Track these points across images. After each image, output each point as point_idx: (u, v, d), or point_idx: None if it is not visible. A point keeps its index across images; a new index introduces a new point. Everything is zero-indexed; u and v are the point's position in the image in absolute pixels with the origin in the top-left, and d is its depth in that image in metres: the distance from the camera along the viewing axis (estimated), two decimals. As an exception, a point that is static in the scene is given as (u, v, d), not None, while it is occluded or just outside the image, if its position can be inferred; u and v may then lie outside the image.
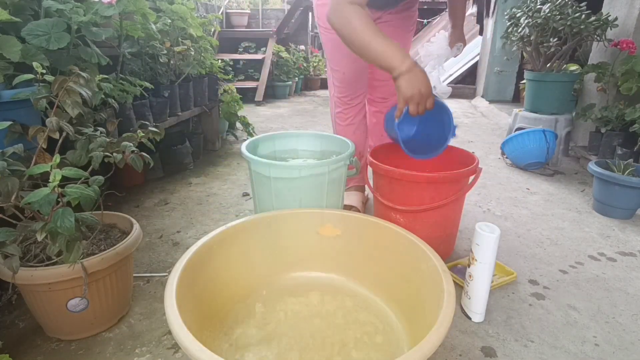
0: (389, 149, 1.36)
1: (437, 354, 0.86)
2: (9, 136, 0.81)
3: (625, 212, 1.52)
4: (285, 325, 0.87)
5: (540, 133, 1.97)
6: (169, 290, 0.68)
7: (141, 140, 0.96)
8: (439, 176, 1.08)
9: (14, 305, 0.98)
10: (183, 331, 0.58)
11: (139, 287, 1.08)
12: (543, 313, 1.00)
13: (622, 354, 0.87)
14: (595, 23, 1.95)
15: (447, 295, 0.67)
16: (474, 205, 1.66)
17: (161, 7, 1.68)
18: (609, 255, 1.28)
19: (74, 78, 0.82)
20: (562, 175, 2.05)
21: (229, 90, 2.53)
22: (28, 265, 0.80)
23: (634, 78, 1.84)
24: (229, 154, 2.38)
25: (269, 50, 4.48)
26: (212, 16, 2.27)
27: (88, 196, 0.74)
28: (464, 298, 0.99)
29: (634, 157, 1.71)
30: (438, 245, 0.95)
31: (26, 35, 0.98)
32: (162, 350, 0.86)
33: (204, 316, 0.81)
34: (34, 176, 0.77)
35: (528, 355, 0.86)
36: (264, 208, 1.20)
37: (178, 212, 1.55)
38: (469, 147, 2.55)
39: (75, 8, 1.09)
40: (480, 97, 4.43)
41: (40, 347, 0.86)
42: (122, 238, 0.93)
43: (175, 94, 1.83)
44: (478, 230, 0.91)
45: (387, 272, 0.94)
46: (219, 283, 0.89)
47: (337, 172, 1.17)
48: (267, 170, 1.12)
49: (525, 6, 2.19)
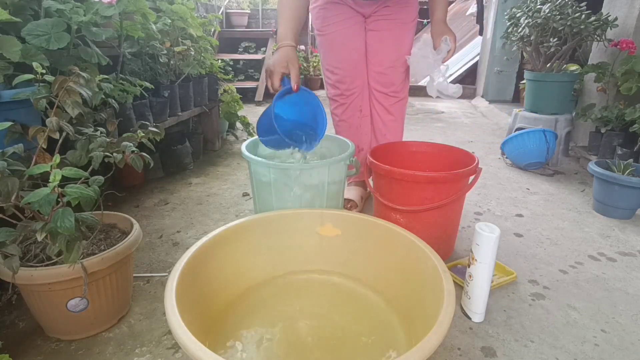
0: (389, 149, 1.37)
1: (437, 354, 0.86)
2: (9, 136, 0.81)
3: (625, 212, 1.52)
4: (285, 325, 0.87)
5: (540, 133, 1.97)
6: (169, 290, 0.68)
7: (141, 140, 0.96)
8: (439, 176, 1.08)
9: (14, 305, 0.98)
10: (183, 331, 0.58)
11: (139, 287, 1.08)
12: (543, 313, 1.00)
13: (622, 354, 0.87)
14: (595, 23, 1.95)
15: (447, 295, 0.67)
16: (474, 205, 1.66)
17: (161, 7, 1.68)
18: (609, 255, 1.28)
19: (74, 78, 0.82)
20: (562, 175, 2.05)
21: (229, 90, 2.53)
22: (28, 265, 0.80)
23: (634, 78, 1.84)
24: (229, 154, 2.38)
25: (269, 50, 4.48)
26: (212, 16, 2.27)
27: (88, 196, 0.74)
28: (464, 298, 0.99)
29: (634, 157, 1.71)
30: (438, 245, 0.95)
31: (26, 35, 0.98)
32: (162, 350, 0.86)
33: (204, 316, 0.81)
34: (34, 176, 0.77)
35: (528, 355, 0.86)
36: (264, 208, 1.20)
37: (178, 212, 1.55)
38: (469, 147, 2.55)
39: (75, 8, 1.09)
40: (480, 97, 4.43)
41: (40, 347, 0.86)
42: (122, 238, 0.93)
43: (175, 94, 1.83)
44: (478, 230, 0.91)
45: (387, 272, 0.94)
46: (219, 283, 0.89)
47: (337, 172, 1.17)
48: (267, 170, 1.12)
49: (525, 6, 2.19)
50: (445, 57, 1.21)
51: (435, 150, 1.37)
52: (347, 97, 1.46)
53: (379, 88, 1.45)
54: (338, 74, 1.43)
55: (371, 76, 1.45)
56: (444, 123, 3.36)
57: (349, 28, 1.37)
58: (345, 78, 1.43)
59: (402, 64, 1.40)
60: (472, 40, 5.12)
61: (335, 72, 1.43)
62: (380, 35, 1.37)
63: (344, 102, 1.48)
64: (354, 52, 1.40)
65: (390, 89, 1.44)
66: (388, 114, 1.49)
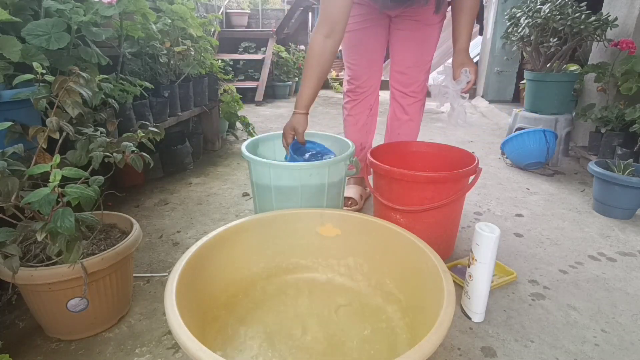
0: (389, 149, 1.37)
1: (437, 354, 0.86)
2: (9, 136, 0.81)
3: (625, 212, 1.52)
4: (285, 325, 0.87)
5: (540, 133, 1.97)
6: (169, 290, 0.68)
7: (141, 140, 0.96)
8: (439, 176, 1.08)
9: (14, 305, 0.98)
10: (183, 331, 0.58)
11: (139, 287, 1.08)
12: (543, 313, 1.00)
13: (622, 354, 0.87)
14: (595, 23, 1.95)
15: (447, 295, 0.67)
16: (474, 205, 1.66)
17: (161, 7, 1.68)
18: (609, 255, 1.28)
19: (74, 78, 0.82)
20: (562, 175, 2.05)
21: (229, 90, 2.53)
22: (28, 265, 0.80)
23: (634, 78, 1.84)
24: (229, 154, 2.38)
25: (269, 50, 4.48)
26: (212, 16, 2.27)
27: (88, 196, 0.74)
28: (464, 298, 0.99)
29: (634, 157, 1.71)
30: (438, 245, 0.95)
31: (26, 35, 0.98)
32: (162, 350, 0.86)
33: (204, 316, 0.81)
34: (34, 176, 0.77)
35: (528, 355, 0.86)
36: (264, 208, 1.20)
37: (178, 212, 1.55)
38: (469, 147, 2.55)
39: (75, 8, 1.09)
40: (480, 97, 4.43)
41: (40, 347, 0.86)
42: (122, 238, 0.93)
43: (175, 94, 1.83)
44: (478, 230, 0.91)
45: (387, 272, 0.94)
46: (219, 283, 0.89)
47: (337, 172, 1.17)
48: (267, 170, 1.12)
49: (525, 6, 2.19)
50: (464, 88, 1.21)
51: (435, 150, 1.37)
52: (359, 94, 1.48)
53: (399, 87, 1.46)
54: (354, 70, 1.45)
55: (392, 75, 1.46)
56: (444, 123, 3.36)
57: (371, 28, 1.38)
58: (360, 75, 1.44)
59: (423, 65, 1.41)
60: (472, 40, 5.12)
61: (352, 68, 1.45)
62: (404, 35, 1.38)
63: (355, 98, 1.50)
64: (372, 52, 1.41)
65: (410, 88, 1.45)
66: (404, 113, 1.49)
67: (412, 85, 1.44)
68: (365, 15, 1.35)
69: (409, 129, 1.52)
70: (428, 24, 1.34)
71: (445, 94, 1.23)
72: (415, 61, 1.40)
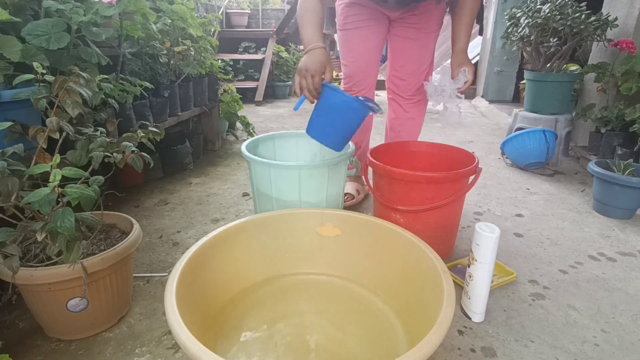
0: (389, 149, 1.37)
1: (437, 354, 0.86)
2: (9, 136, 0.81)
3: (625, 212, 1.52)
4: (285, 325, 0.87)
5: (540, 133, 1.97)
6: (169, 290, 0.68)
7: (141, 140, 0.96)
8: (439, 176, 1.08)
9: (14, 305, 0.98)
10: (183, 331, 0.58)
11: (139, 287, 1.08)
12: (543, 313, 1.00)
13: (622, 354, 0.87)
14: (595, 23, 1.95)
15: (447, 295, 0.67)
16: (474, 205, 1.66)
17: (161, 7, 1.68)
18: (609, 255, 1.28)
19: (74, 78, 0.82)
20: (562, 175, 2.05)
21: (229, 90, 2.53)
22: (28, 265, 0.80)
23: (634, 78, 1.84)
24: (229, 154, 2.38)
25: (269, 50, 4.48)
26: (212, 16, 2.27)
27: (88, 196, 0.74)
28: (464, 298, 0.99)
29: (634, 157, 1.71)
30: (438, 245, 0.95)
31: (26, 35, 0.98)
32: (162, 350, 0.86)
33: (204, 316, 0.81)
34: (34, 176, 0.77)
35: (528, 355, 0.86)
36: (264, 208, 1.20)
37: (178, 212, 1.55)
38: (469, 147, 2.55)
39: (75, 8, 1.08)
40: (480, 97, 4.43)
41: (40, 347, 0.86)
42: (122, 238, 0.93)
43: (175, 94, 1.83)
44: (478, 230, 0.91)
45: (387, 272, 0.94)
46: (219, 283, 0.89)
47: (337, 172, 1.17)
48: (267, 170, 1.12)
49: (525, 6, 2.19)
50: (461, 88, 1.21)
51: (435, 150, 1.37)
52: (354, 93, 1.48)
53: (397, 91, 1.47)
54: (350, 69, 1.45)
55: (390, 79, 1.47)
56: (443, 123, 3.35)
57: (370, 27, 1.38)
58: (355, 74, 1.44)
59: (422, 71, 1.41)
60: (472, 40, 5.12)
61: (348, 67, 1.46)
62: (404, 42, 1.39)
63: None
64: (370, 52, 1.42)
65: (407, 94, 1.46)
66: (404, 112, 1.50)
67: (410, 90, 1.45)
68: (365, 15, 1.35)
69: (410, 128, 1.52)
70: (428, 31, 1.36)
71: (442, 92, 1.23)
72: (415, 69, 1.41)
